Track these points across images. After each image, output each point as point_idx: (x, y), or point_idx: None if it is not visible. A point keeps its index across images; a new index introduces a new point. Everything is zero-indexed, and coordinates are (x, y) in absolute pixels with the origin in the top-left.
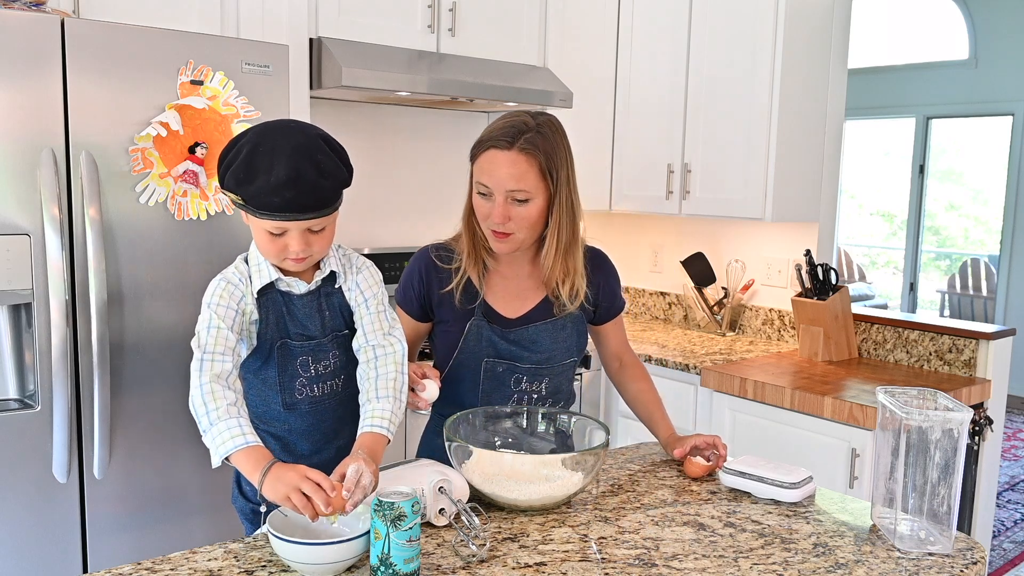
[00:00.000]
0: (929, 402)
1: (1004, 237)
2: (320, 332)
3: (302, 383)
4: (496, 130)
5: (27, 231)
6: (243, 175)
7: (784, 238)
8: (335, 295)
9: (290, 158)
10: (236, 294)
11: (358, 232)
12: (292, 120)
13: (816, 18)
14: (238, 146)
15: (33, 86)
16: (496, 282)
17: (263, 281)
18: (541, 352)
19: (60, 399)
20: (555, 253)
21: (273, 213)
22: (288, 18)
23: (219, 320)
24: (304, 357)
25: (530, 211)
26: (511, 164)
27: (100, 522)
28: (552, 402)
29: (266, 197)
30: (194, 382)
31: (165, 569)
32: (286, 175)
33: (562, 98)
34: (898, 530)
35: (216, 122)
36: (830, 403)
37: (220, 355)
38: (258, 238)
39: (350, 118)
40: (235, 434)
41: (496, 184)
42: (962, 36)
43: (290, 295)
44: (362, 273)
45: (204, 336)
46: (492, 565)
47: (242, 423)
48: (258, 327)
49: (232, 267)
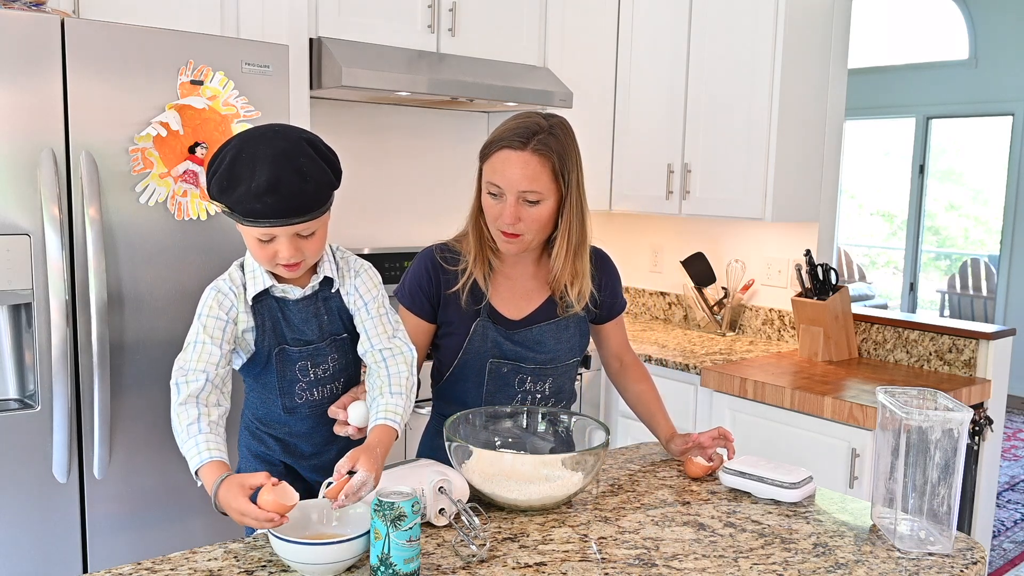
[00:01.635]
0: (929, 402)
1: (1004, 237)
2: (318, 337)
3: (301, 387)
4: (508, 130)
5: (27, 231)
6: (226, 183)
7: (784, 238)
8: (333, 299)
9: (271, 164)
10: (226, 304)
11: (358, 232)
12: (277, 125)
13: (816, 18)
14: (222, 155)
15: (33, 86)
16: (500, 283)
17: (257, 288)
18: (545, 352)
19: (60, 399)
20: (565, 255)
21: (257, 220)
22: (288, 18)
23: (206, 335)
24: (303, 362)
25: (541, 212)
26: (524, 164)
27: (100, 522)
28: (555, 402)
29: (248, 204)
30: (172, 404)
31: (165, 569)
32: (266, 181)
33: (562, 98)
34: (898, 530)
35: (216, 122)
36: (830, 403)
37: (198, 372)
38: (249, 245)
39: (350, 118)
40: (192, 455)
41: (508, 184)
42: (962, 36)
43: (285, 300)
44: (360, 276)
45: (188, 352)
46: (492, 565)
47: (199, 441)
48: (255, 335)
49: (226, 274)
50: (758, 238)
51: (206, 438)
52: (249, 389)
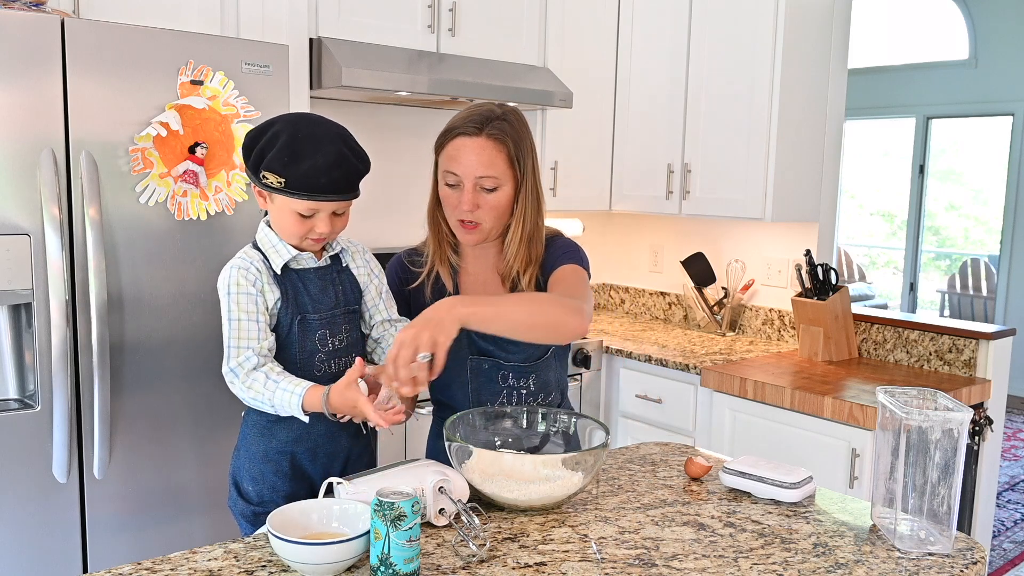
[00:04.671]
0: (929, 402)
1: (1004, 237)
2: (334, 304)
3: (321, 359)
4: (462, 119)
5: (27, 231)
6: (287, 158)
7: (784, 238)
8: (345, 272)
9: (333, 143)
10: (251, 276)
11: (358, 232)
12: (312, 113)
13: (816, 18)
14: (271, 132)
15: (33, 86)
16: (465, 279)
17: (282, 259)
18: (517, 344)
19: (60, 399)
20: (519, 242)
21: (314, 194)
22: (288, 18)
23: (240, 311)
24: (322, 331)
25: (499, 199)
26: (480, 150)
27: (100, 522)
28: (543, 396)
29: (313, 178)
30: (237, 390)
31: (165, 569)
32: (334, 157)
33: (562, 98)
34: (898, 530)
35: (216, 122)
36: (830, 403)
37: (242, 350)
38: (284, 220)
39: (350, 118)
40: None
41: (465, 171)
42: (962, 36)
43: (305, 272)
44: (367, 254)
45: (228, 331)
46: (492, 565)
47: (283, 387)
48: (279, 305)
49: (242, 254)
50: (758, 238)
51: (288, 381)
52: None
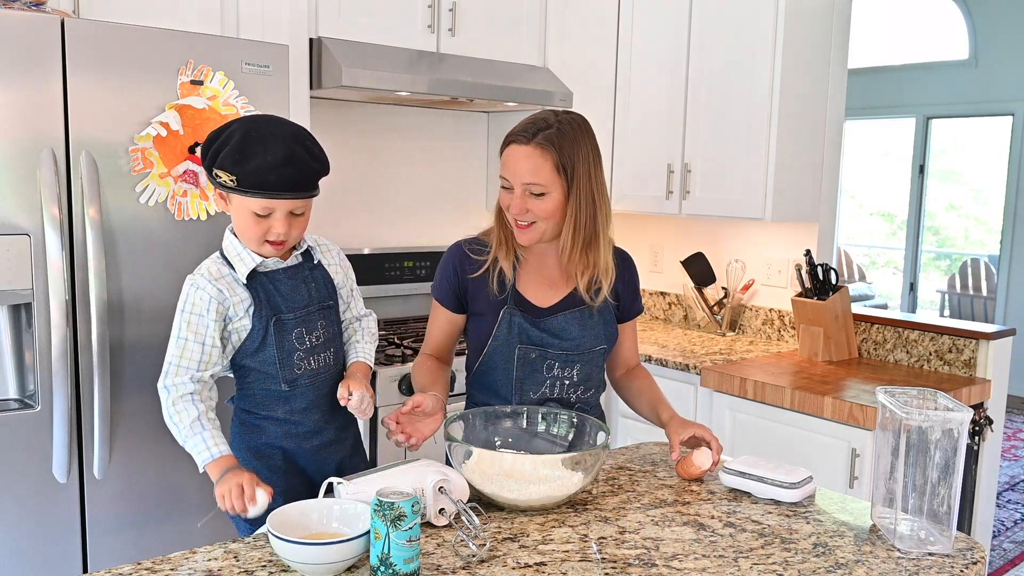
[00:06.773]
0: (929, 402)
1: (1004, 237)
2: (307, 302)
3: (299, 356)
4: (519, 126)
5: (27, 231)
6: (239, 156)
7: (784, 238)
8: (317, 269)
9: (285, 140)
10: (204, 298)
11: (358, 232)
12: (270, 115)
13: (816, 18)
14: (227, 132)
15: (33, 86)
16: (527, 273)
17: (247, 267)
18: (571, 339)
19: (60, 399)
20: (571, 247)
21: (266, 192)
22: (288, 18)
23: (189, 331)
24: (298, 329)
25: (547, 204)
26: (527, 158)
27: (100, 522)
28: (584, 388)
29: (263, 175)
30: (163, 407)
31: (165, 569)
32: (283, 155)
33: (562, 98)
34: (898, 530)
35: (216, 122)
36: (830, 403)
37: (183, 369)
38: (241, 221)
39: (350, 118)
40: (200, 451)
41: (514, 177)
42: (962, 36)
43: (275, 273)
44: (340, 253)
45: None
46: (492, 565)
47: (205, 438)
48: (253, 308)
49: (203, 269)
50: (758, 238)
51: (211, 435)
52: (247, 374)
